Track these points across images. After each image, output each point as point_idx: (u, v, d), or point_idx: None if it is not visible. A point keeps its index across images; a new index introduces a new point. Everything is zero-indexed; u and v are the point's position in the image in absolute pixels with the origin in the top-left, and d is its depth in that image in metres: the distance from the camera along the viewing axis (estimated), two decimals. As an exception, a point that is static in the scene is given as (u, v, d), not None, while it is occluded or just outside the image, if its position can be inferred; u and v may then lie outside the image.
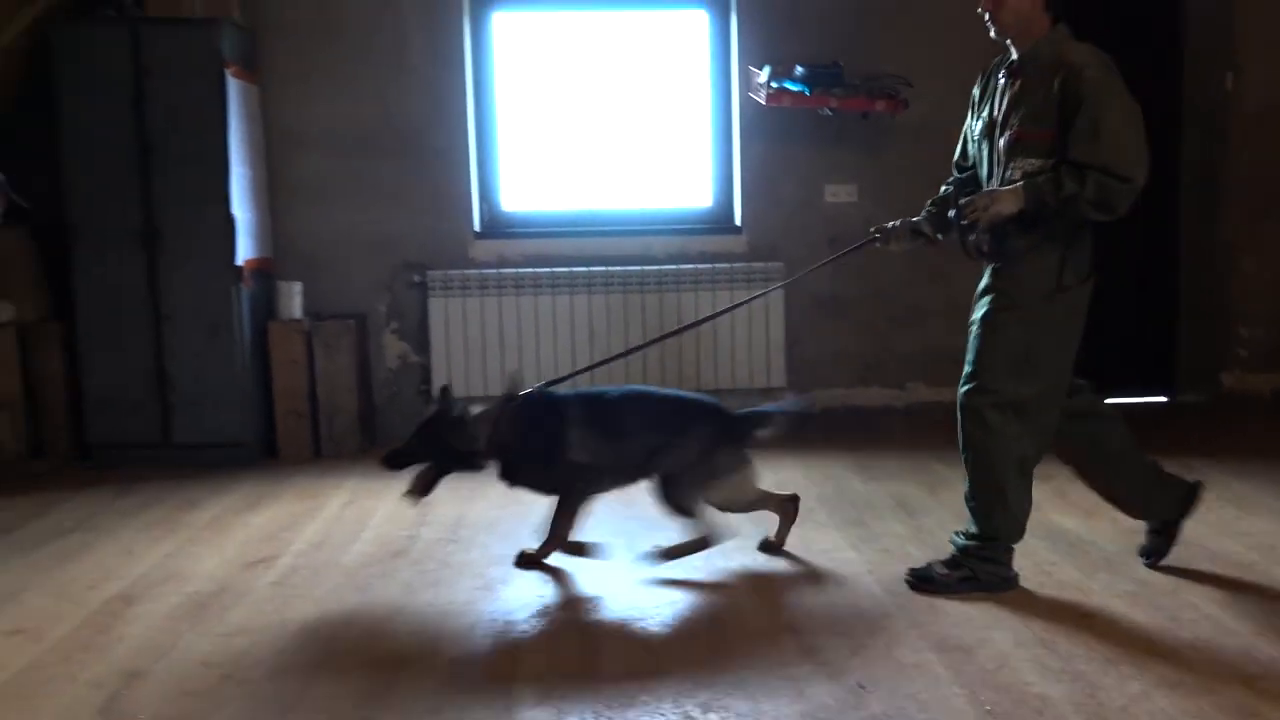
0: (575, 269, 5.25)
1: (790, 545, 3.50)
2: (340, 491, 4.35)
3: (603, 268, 5.24)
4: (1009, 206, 2.85)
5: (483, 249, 5.35)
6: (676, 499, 3.30)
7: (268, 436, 4.97)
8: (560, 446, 3.28)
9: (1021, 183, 2.85)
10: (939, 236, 3.28)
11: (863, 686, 2.48)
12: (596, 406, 3.39)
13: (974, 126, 3.14)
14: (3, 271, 4.74)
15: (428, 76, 5.23)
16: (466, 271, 5.25)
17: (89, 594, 3.23)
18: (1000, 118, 2.98)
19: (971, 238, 2.99)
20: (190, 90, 4.67)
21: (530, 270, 5.27)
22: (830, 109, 5.05)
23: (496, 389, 5.25)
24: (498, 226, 5.45)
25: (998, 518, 3.03)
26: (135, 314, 4.76)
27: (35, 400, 4.85)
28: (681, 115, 5.52)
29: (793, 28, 5.25)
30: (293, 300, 5.01)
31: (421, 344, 5.34)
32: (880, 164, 5.39)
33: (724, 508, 3.41)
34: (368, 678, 2.59)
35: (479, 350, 5.26)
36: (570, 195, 5.53)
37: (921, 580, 3.10)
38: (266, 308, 5.04)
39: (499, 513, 4.00)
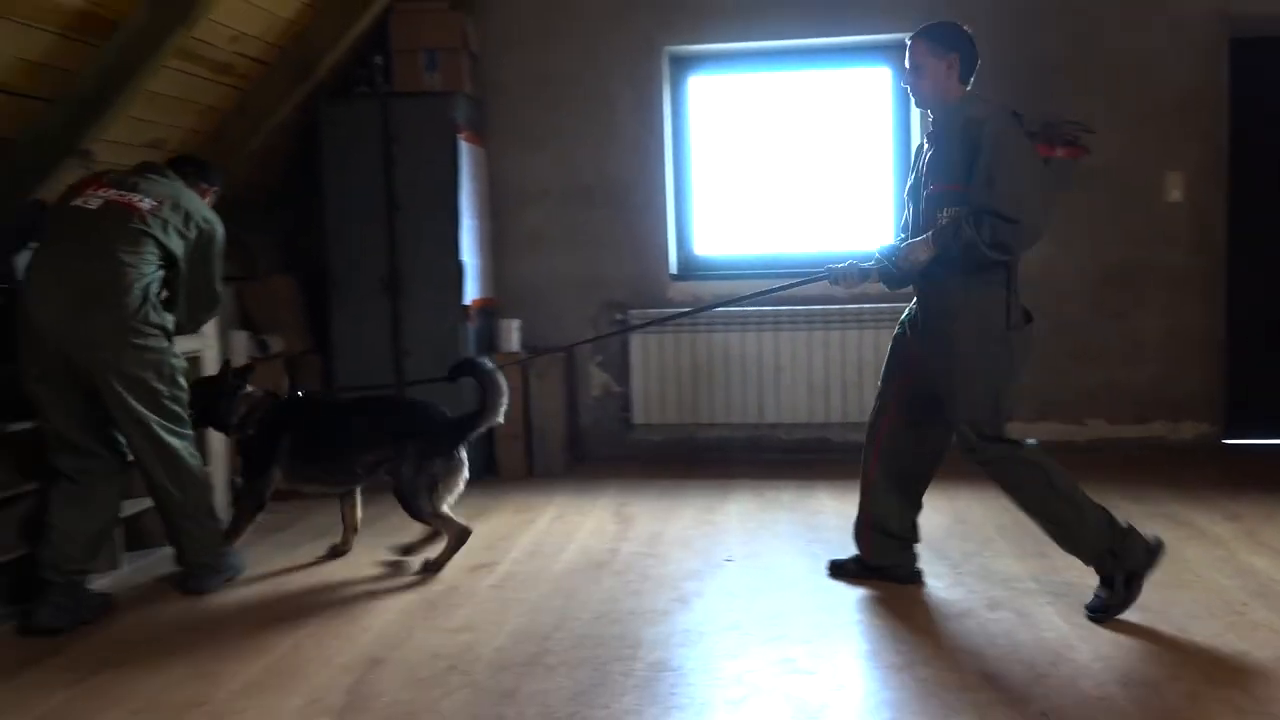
0: (763, 308, 5.24)
1: (970, 572, 3.36)
2: (550, 507, 4.47)
3: (788, 307, 5.20)
4: (922, 255, 2.97)
5: (678, 290, 5.42)
6: (412, 510, 3.56)
7: (489, 456, 5.17)
8: (270, 451, 3.60)
9: (930, 234, 2.96)
10: (881, 282, 3.30)
11: (1046, 716, 2.34)
12: (318, 418, 3.70)
13: (909, 185, 3.21)
14: (276, 311, 5.13)
15: (632, 136, 5.37)
16: (664, 311, 5.33)
17: (340, 588, 3.43)
18: (924, 175, 3.07)
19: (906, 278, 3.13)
20: (429, 154, 4.95)
21: (721, 310, 5.28)
22: (1009, 156, 4.86)
23: (689, 417, 5.33)
24: (692, 269, 5.51)
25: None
26: (380, 348, 5.05)
27: (298, 420, 5.21)
28: (863, 164, 5.44)
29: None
30: (511, 335, 5.21)
31: (622, 375, 5.45)
32: (1059, 207, 5.14)
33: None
34: (575, 676, 2.64)
35: (674, 382, 5.32)
36: (758, 240, 5.54)
37: (1098, 611, 2.92)
38: (489, 341, 5.25)
39: (693, 531, 4.01)
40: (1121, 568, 2.90)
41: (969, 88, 3.07)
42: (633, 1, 5.30)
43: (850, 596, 3.20)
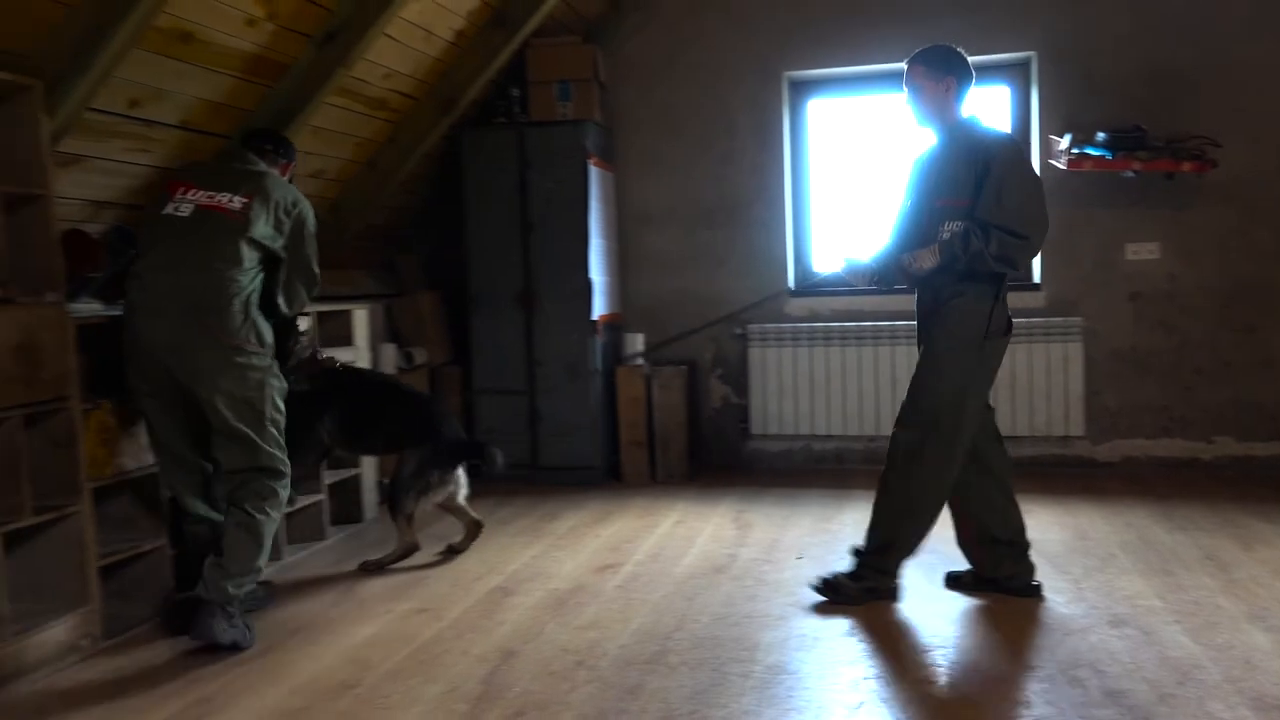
0: (879, 323, 5.13)
1: (1093, 588, 3.19)
2: (672, 512, 4.47)
3: (905, 322, 5.07)
4: (929, 262, 3.02)
5: (796, 305, 5.35)
6: (393, 503, 3.68)
7: (613, 462, 5.21)
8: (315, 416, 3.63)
9: (936, 244, 3.01)
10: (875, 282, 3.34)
11: (1172, 735, 2.20)
12: (356, 392, 3.76)
13: (908, 201, 3.24)
14: (422, 325, 5.30)
15: (752, 159, 5.35)
16: (781, 325, 5.28)
17: (476, 584, 3.51)
18: (927, 191, 3.13)
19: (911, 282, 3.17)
20: (561, 178, 5.04)
21: (838, 324, 5.21)
22: (1133, 171, 4.63)
23: (805, 429, 5.26)
24: (809, 285, 5.44)
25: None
26: (514, 360, 5.17)
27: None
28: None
29: (1092, 97, 4.89)
30: (636, 348, 5.25)
31: (741, 387, 5.41)
32: (1185, 222, 4.87)
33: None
34: (695, 676, 2.63)
35: (791, 394, 5.25)
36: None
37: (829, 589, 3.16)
38: (615, 354, 5.30)
39: (810, 538, 3.95)
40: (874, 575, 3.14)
41: (962, 108, 3.13)
42: (754, 31, 5.28)
43: (967, 607, 3.09)
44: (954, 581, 3.29)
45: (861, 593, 3.12)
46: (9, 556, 2.73)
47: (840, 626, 2.96)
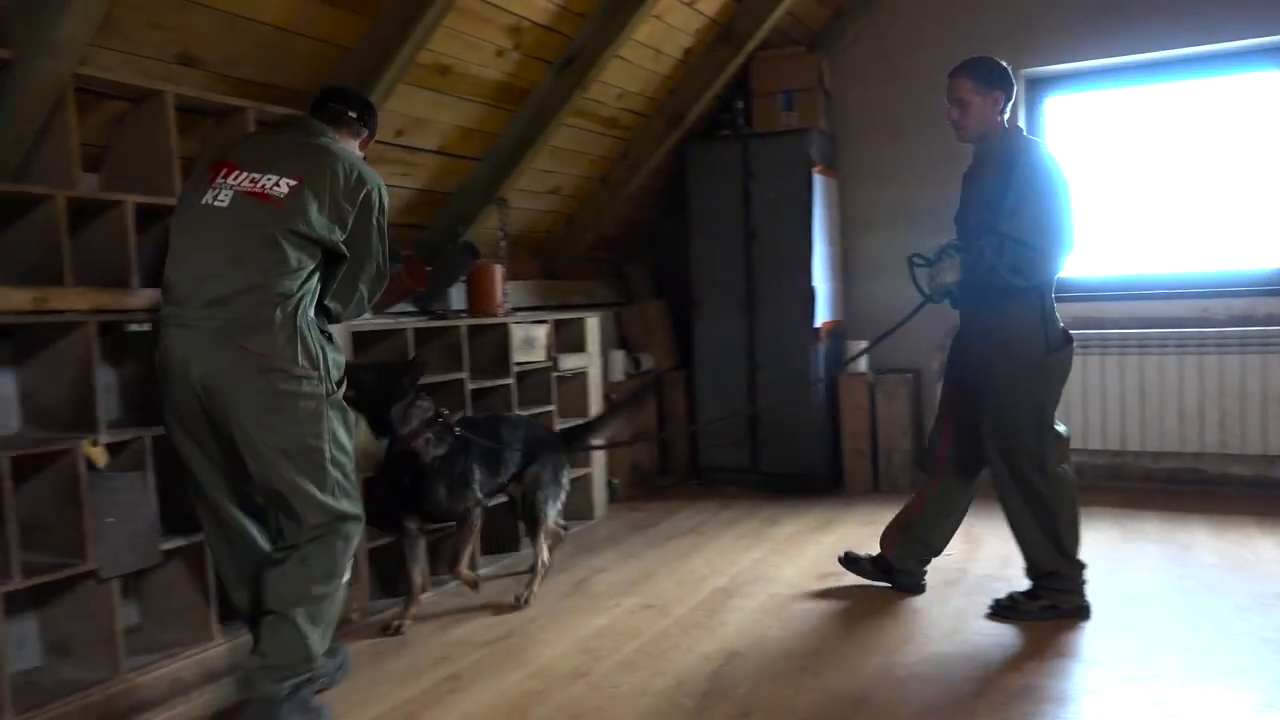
0: (1127, 331, 4.73)
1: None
2: (896, 523, 4.32)
3: (1156, 330, 4.66)
4: (949, 277, 2.98)
5: (1031, 312, 5.03)
6: (544, 515, 3.45)
7: (835, 470, 5.12)
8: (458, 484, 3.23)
9: (959, 258, 2.96)
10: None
11: None
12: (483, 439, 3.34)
13: (957, 213, 3.17)
14: (649, 332, 5.44)
15: (983, 160, 5.09)
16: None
17: (700, 584, 3.56)
18: (969, 205, 3.07)
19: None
20: (785, 187, 5.02)
21: (1081, 332, 4.83)
22: None
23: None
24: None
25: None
26: (736, 366, 5.19)
27: (664, 430, 5.49)
28: (1245, 176, 4.74)
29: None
30: (857, 355, 5.12)
31: (970, 397, 5.15)
32: None
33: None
34: (925, 692, 2.53)
35: (1025, 405, 4.94)
36: (1121, 260, 5.01)
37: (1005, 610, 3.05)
38: (837, 362, 5.21)
39: (1045, 557, 3.70)
40: (1052, 594, 3.02)
41: (1006, 120, 3.04)
42: (986, 29, 5.02)
43: (1238, 636, 2.79)
44: (851, 563, 3.42)
45: (1041, 611, 3.02)
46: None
47: (1085, 653, 2.76)
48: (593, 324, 4.68)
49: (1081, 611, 3.00)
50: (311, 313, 2.34)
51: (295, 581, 2.32)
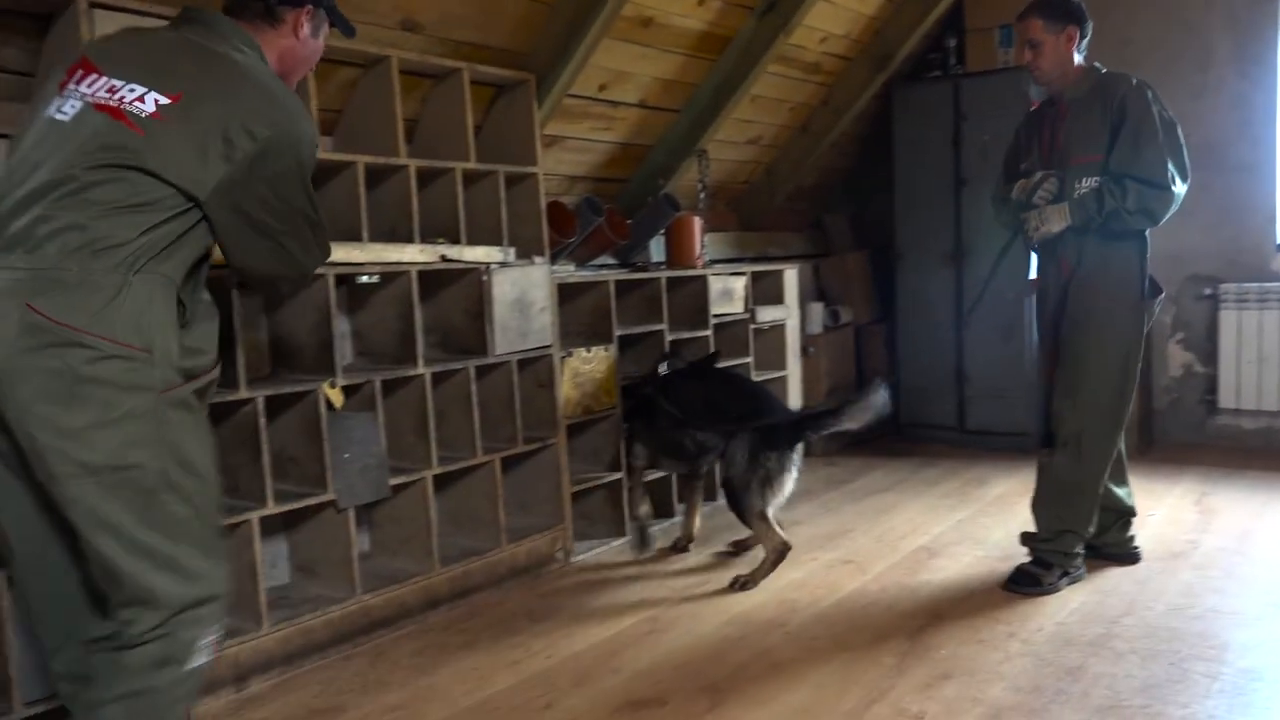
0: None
1: None
2: (1117, 488, 4.05)
3: None
4: (1056, 225, 2.83)
5: (1285, 261, 4.53)
6: (739, 505, 3.13)
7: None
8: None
9: (1066, 203, 2.80)
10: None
11: None
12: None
13: (1026, 163, 2.98)
14: (848, 285, 5.32)
15: (1232, 91, 4.58)
16: (1266, 284, 4.49)
17: (901, 542, 3.48)
18: (1057, 148, 2.88)
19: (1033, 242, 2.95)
20: (1000, 129, 4.70)
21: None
22: None
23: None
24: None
25: None
26: (942, 320, 4.99)
27: (863, 383, 5.37)
28: None
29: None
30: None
31: (1208, 355, 4.72)
32: None
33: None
34: (1149, 668, 2.38)
35: (1274, 364, 4.47)
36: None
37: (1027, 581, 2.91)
38: (1054, 316, 4.89)
39: (1294, 533, 3.36)
40: (1061, 559, 2.94)
41: (1083, 58, 2.89)
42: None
43: None
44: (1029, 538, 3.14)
45: (1058, 580, 2.92)
46: (504, 477, 3.23)
47: (1337, 637, 2.50)
48: (791, 276, 4.62)
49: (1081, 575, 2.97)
50: (169, 274, 1.62)
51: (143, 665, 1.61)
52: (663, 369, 3.47)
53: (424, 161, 2.96)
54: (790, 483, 3.12)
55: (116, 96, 1.63)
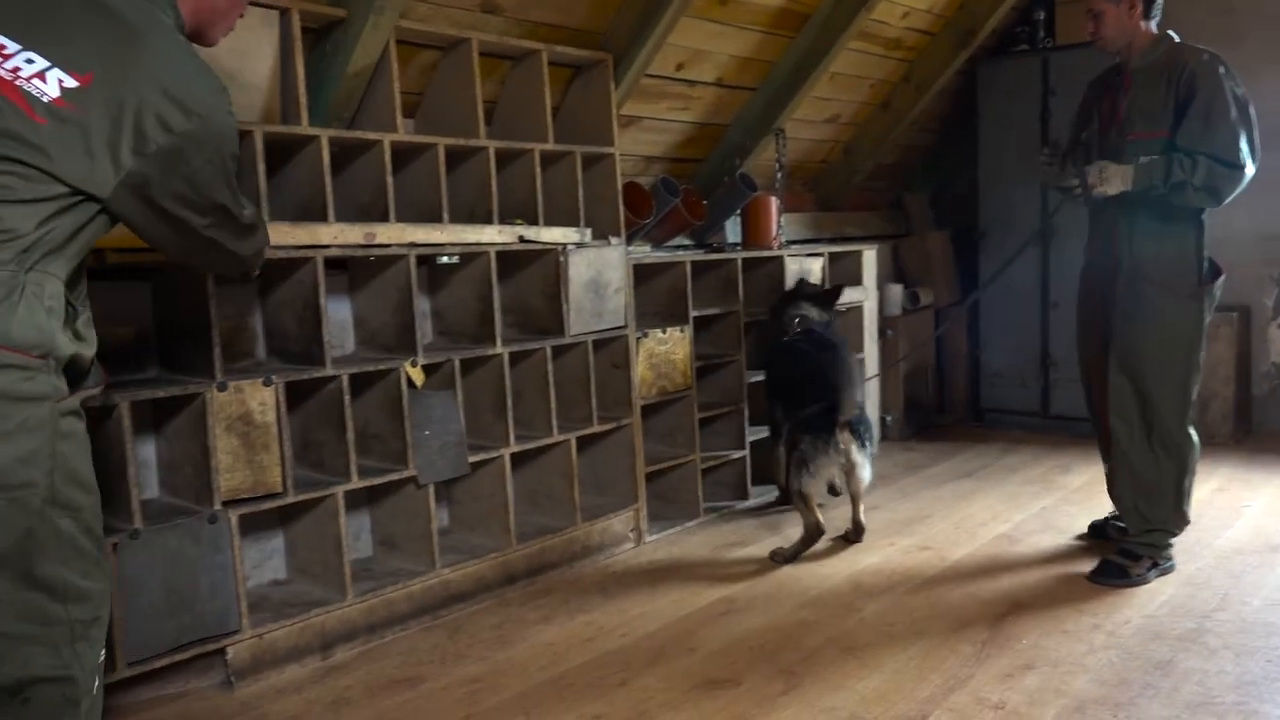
0: None
1: None
2: (1212, 478, 3.89)
3: None
4: (1114, 187, 2.70)
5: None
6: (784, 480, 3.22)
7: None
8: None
9: (1130, 168, 2.67)
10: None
11: None
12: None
13: (1086, 132, 2.94)
14: (929, 266, 5.21)
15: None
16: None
17: (980, 529, 3.42)
18: (1116, 121, 2.81)
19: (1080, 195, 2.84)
20: (1090, 104, 4.56)
21: None
22: None
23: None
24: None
25: None
26: (1027, 302, 4.85)
27: (942, 368, 5.28)
28: None
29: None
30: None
31: (1313, 340, 4.50)
32: None
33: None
34: (1243, 664, 2.29)
35: (1386, 351, 4.24)
36: None
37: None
38: (1145, 299, 4.72)
39: (1404, 528, 3.20)
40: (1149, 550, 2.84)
41: (1154, 26, 2.78)
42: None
43: None
44: (1097, 530, 3.18)
45: (1147, 572, 2.83)
46: (579, 457, 3.26)
47: None
48: (869, 256, 4.55)
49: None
50: (57, 273, 1.42)
51: None
52: (796, 322, 3.49)
53: (503, 143, 2.99)
54: (828, 466, 3.14)
55: (10, 68, 1.38)
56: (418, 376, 2.75)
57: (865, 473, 3.21)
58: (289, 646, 2.50)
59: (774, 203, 4.03)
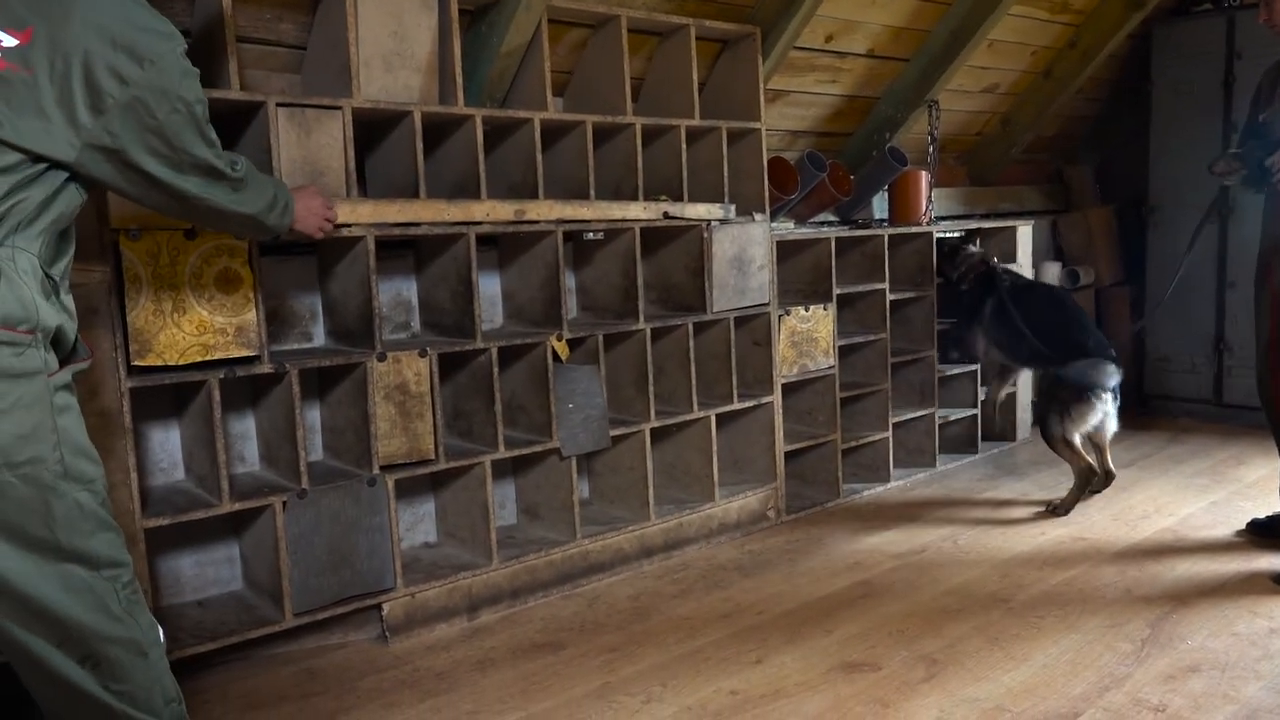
0: None
1: None
2: None
3: None
4: None
5: None
6: (1043, 431, 3.44)
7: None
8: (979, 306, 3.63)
9: None
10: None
11: None
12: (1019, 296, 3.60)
13: (1265, 113, 2.81)
14: (1089, 243, 4.94)
15: None
16: None
17: (1142, 522, 3.24)
18: None
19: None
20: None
21: None
22: None
23: None
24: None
25: None
26: (1200, 282, 4.54)
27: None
28: None
29: None
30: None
31: None
32: None
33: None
34: None
35: None
36: None
37: None
38: (1339, 280, 4.32)
39: None
40: None
41: None
42: None
43: None
44: (1260, 528, 3.01)
45: None
46: (719, 433, 3.27)
47: None
48: (1025, 233, 4.35)
49: None
50: (29, 245, 1.39)
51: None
52: (999, 265, 3.78)
53: (649, 119, 3.01)
54: (1094, 414, 3.33)
55: None
56: (563, 350, 2.81)
57: (1114, 423, 3.43)
58: (439, 606, 2.63)
59: (924, 177, 3.90)
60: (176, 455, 2.51)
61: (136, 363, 2.13)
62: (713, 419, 3.19)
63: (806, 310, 3.44)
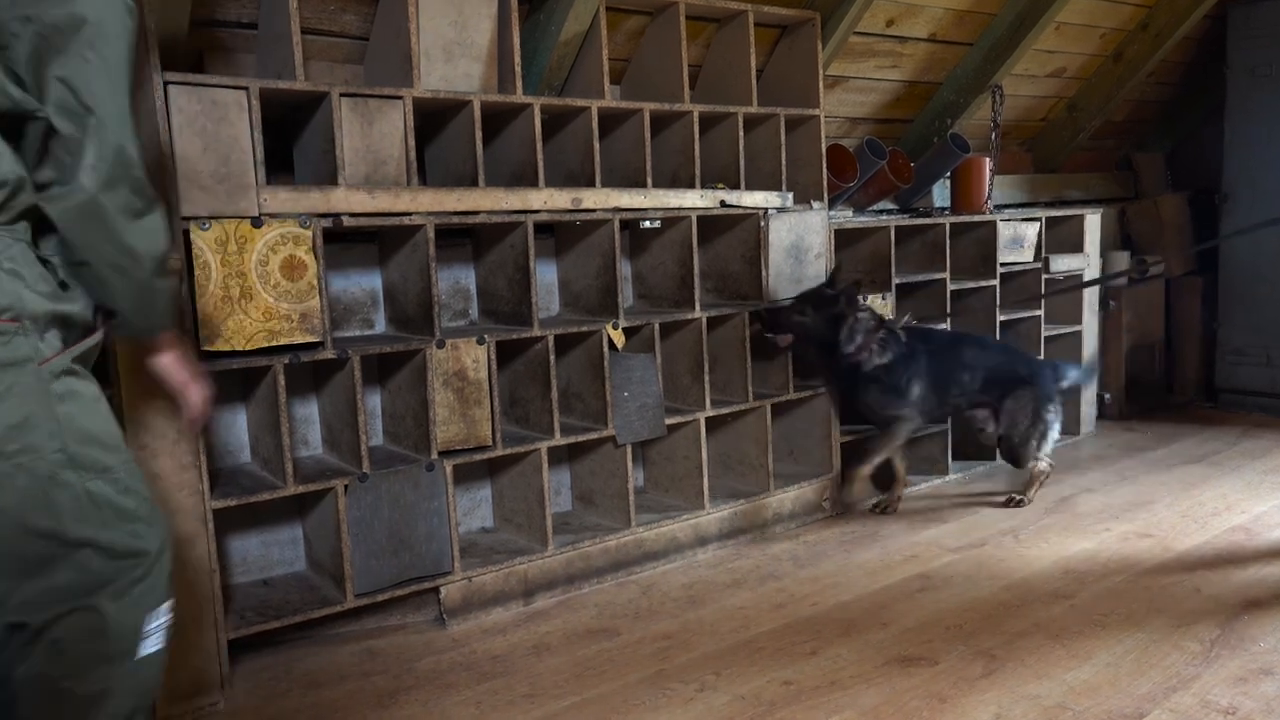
0: None
1: None
2: None
3: None
4: None
5: None
6: (1019, 456, 3.33)
7: None
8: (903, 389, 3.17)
9: None
10: None
11: None
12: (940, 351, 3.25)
13: None
14: (1159, 232, 4.80)
15: None
16: None
17: (1211, 519, 3.15)
18: None
19: None
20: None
21: None
22: None
23: None
24: None
25: None
26: (1276, 272, 4.38)
27: (1173, 342, 4.86)
28: None
29: None
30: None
31: None
32: None
33: None
34: None
35: None
36: None
37: None
38: None
39: None
40: None
41: None
42: None
43: None
44: None
45: None
46: (774, 423, 3.25)
47: None
48: (1092, 221, 4.24)
49: None
50: (9, 228, 1.32)
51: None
52: (905, 320, 3.36)
53: (706, 106, 2.99)
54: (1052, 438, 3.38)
55: None
56: (618, 339, 2.82)
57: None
58: (495, 590, 2.66)
59: (987, 164, 3.83)
60: (243, 438, 2.57)
61: (206, 348, 2.18)
62: (768, 409, 3.17)
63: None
